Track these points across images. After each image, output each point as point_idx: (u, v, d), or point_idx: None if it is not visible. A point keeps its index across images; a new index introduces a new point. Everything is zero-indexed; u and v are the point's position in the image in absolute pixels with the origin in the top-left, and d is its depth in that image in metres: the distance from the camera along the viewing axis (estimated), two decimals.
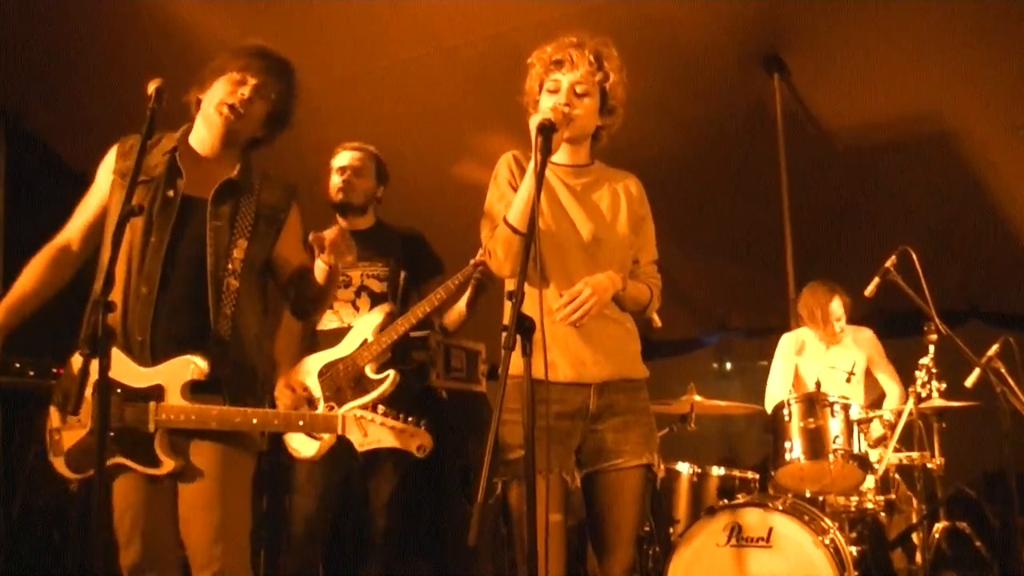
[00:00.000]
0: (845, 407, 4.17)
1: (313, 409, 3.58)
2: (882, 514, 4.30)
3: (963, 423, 4.49)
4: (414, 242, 4.04)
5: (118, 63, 5.28)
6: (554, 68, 2.78)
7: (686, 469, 4.26)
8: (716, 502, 4.00)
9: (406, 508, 4.02)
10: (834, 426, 4.12)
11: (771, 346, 5.32)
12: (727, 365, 8.34)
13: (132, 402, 2.59)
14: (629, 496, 2.77)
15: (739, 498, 3.99)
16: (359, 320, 3.76)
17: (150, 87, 2.49)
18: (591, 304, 2.66)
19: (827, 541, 3.59)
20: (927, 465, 4.36)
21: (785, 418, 4.21)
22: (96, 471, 2.22)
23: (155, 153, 2.75)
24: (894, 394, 5.02)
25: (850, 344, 5.06)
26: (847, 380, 4.93)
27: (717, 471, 4.27)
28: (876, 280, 4.23)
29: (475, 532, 2.11)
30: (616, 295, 2.78)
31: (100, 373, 2.21)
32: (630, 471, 2.76)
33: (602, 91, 2.81)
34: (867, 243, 5.23)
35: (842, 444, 4.08)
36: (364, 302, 3.83)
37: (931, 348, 4.30)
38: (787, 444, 4.18)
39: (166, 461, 2.59)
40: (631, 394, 2.81)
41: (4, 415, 5.28)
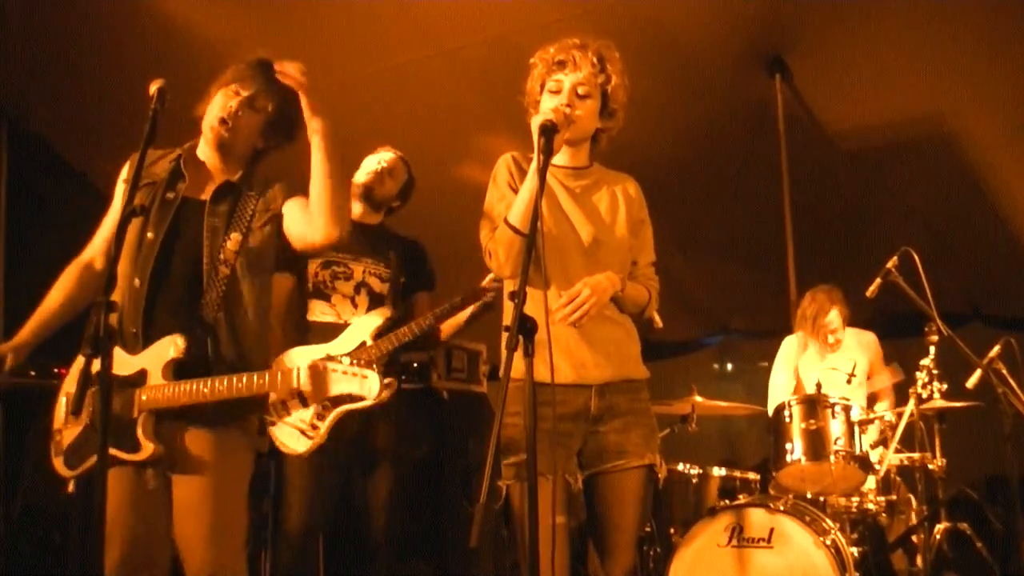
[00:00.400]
0: (846, 408, 4.17)
1: (304, 405, 3.54)
2: (883, 515, 4.30)
3: (964, 424, 4.49)
4: (415, 252, 4.05)
5: (119, 64, 5.29)
6: (556, 69, 2.78)
7: (687, 470, 4.26)
8: (717, 503, 4.00)
9: (407, 509, 4.02)
10: (835, 427, 4.12)
11: (772, 348, 5.32)
12: (728, 366, 8.33)
13: (120, 390, 2.60)
14: (631, 497, 2.77)
15: (740, 499, 3.99)
16: (357, 320, 3.75)
17: (152, 87, 2.51)
18: (590, 305, 2.66)
19: (828, 542, 3.59)
20: (928, 466, 4.36)
21: (786, 419, 4.21)
22: (98, 471, 2.22)
23: (162, 162, 2.81)
24: (883, 405, 5.01)
25: (852, 346, 5.06)
26: (847, 381, 4.93)
27: (718, 472, 4.27)
28: (877, 281, 4.22)
29: (477, 533, 2.11)
30: (615, 296, 2.78)
31: (102, 372, 2.22)
32: (632, 472, 2.76)
33: (603, 93, 2.81)
34: (869, 245, 5.24)
35: (843, 445, 4.08)
36: (363, 300, 3.82)
37: (932, 349, 4.31)
38: (788, 445, 4.17)
39: (146, 445, 2.57)
40: (632, 395, 2.81)
41: (5, 415, 5.28)
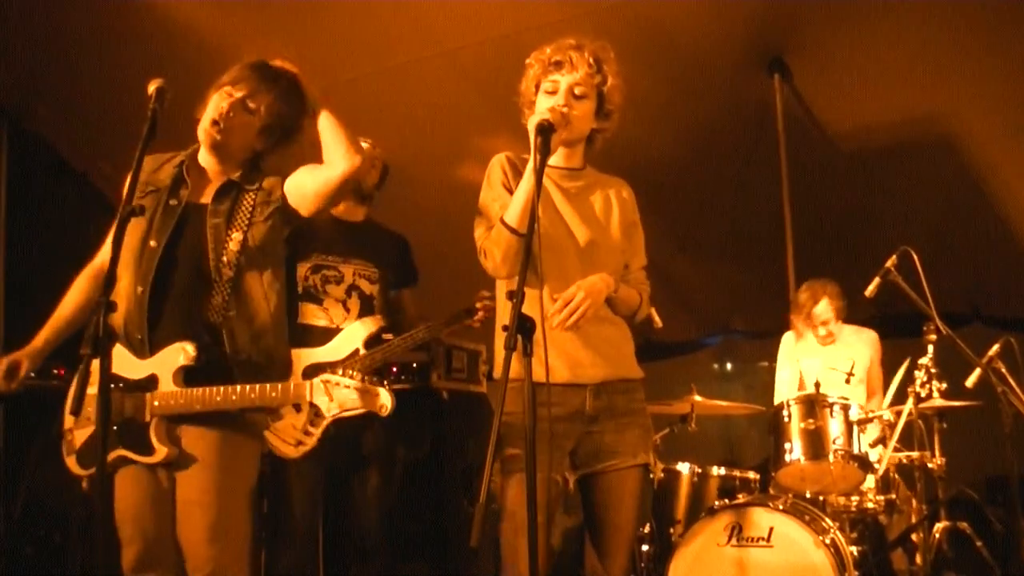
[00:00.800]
0: (845, 408, 4.17)
1: (298, 410, 3.57)
2: (883, 514, 4.30)
3: (964, 423, 4.49)
4: (400, 248, 4.07)
5: (120, 64, 5.29)
6: (553, 69, 2.78)
7: (687, 469, 4.26)
8: (717, 502, 4.01)
9: (407, 509, 4.02)
10: (834, 427, 4.11)
11: (772, 348, 5.33)
12: (728, 366, 8.34)
13: (131, 393, 2.64)
14: (627, 497, 2.77)
15: (740, 498, 3.99)
16: (350, 326, 3.77)
17: (150, 87, 2.52)
18: (585, 307, 2.66)
19: (828, 541, 3.60)
20: (928, 465, 4.36)
21: (785, 419, 4.21)
22: (97, 470, 2.24)
23: (167, 167, 2.83)
24: (874, 402, 5.01)
25: (851, 344, 5.07)
26: (846, 381, 4.93)
27: (718, 471, 4.27)
28: (877, 280, 4.23)
29: (477, 533, 2.11)
30: (609, 297, 2.78)
31: (101, 372, 2.24)
32: (627, 471, 2.77)
33: (600, 94, 2.81)
34: (868, 245, 5.23)
35: (842, 445, 4.08)
36: (354, 303, 3.84)
37: (930, 348, 4.31)
38: (787, 445, 4.17)
39: (159, 448, 2.61)
40: (627, 395, 2.82)
41: (5, 416, 5.30)
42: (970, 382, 4.32)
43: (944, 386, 4.30)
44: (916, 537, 4.37)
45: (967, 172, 6.05)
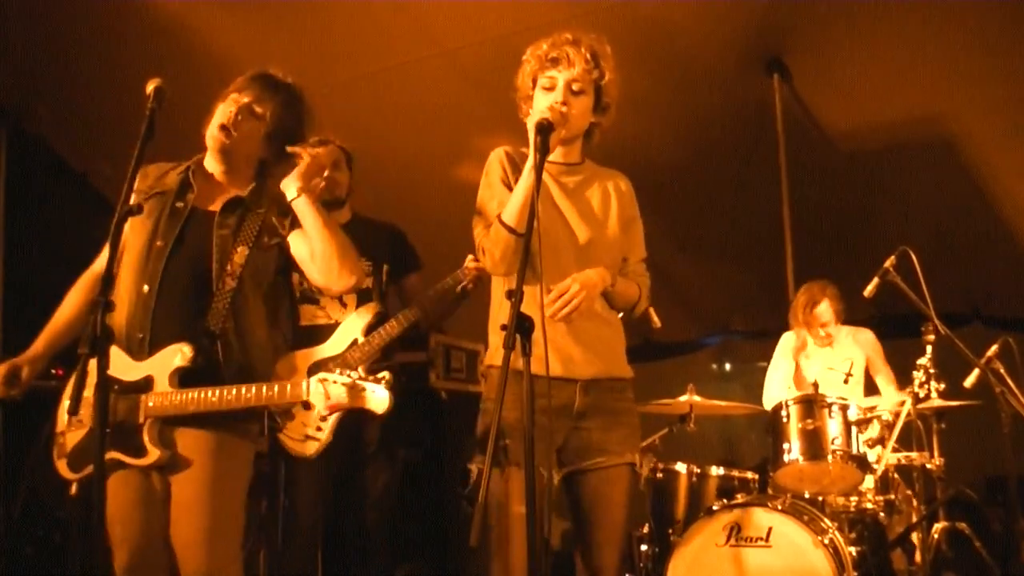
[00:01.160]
0: (843, 408, 4.16)
1: (307, 408, 3.58)
2: (882, 514, 4.29)
3: (963, 424, 4.49)
4: (395, 237, 4.07)
5: (119, 64, 5.29)
6: (550, 65, 2.77)
7: (685, 469, 4.26)
8: (715, 502, 4.01)
9: (406, 508, 4.02)
10: (832, 427, 4.11)
11: (771, 348, 5.32)
12: (727, 366, 8.34)
13: (125, 395, 2.63)
14: (614, 495, 2.77)
15: (738, 498, 3.99)
16: (346, 318, 3.78)
17: (149, 86, 2.52)
18: (580, 300, 2.66)
19: (826, 541, 3.59)
20: (926, 465, 4.36)
21: (783, 419, 4.21)
22: (95, 470, 2.23)
23: (172, 174, 2.85)
24: (888, 398, 5.02)
25: (849, 345, 5.07)
26: (845, 381, 4.93)
27: (716, 471, 4.26)
28: (875, 280, 4.23)
29: (478, 533, 2.12)
30: (606, 291, 2.79)
31: (99, 372, 2.23)
32: (614, 469, 2.77)
33: (597, 89, 2.80)
34: (868, 245, 5.24)
35: (841, 445, 4.08)
36: (351, 298, 3.84)
37: (928, 348, 4.31)
38: (786, 445, 4.17)
39: (152, 450, 2.60)
40: (617, 394, 2.82)
41: (5, 417, 5.29)
42: (969, 382, 4.33)
43: (943, 386, 4.30)
44: (915, 537, 4.37)
45: (966, 172, 6.05)
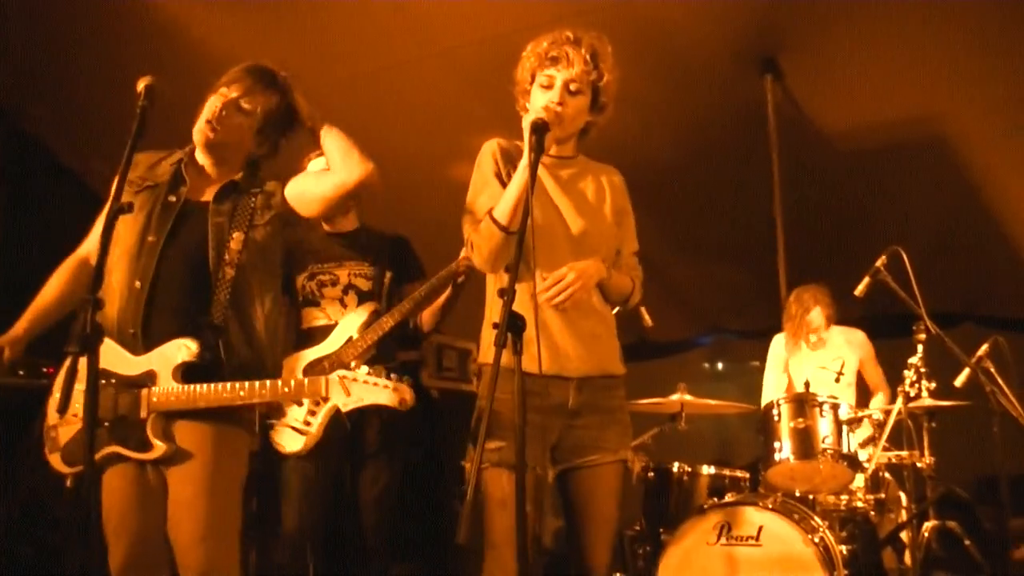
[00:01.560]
0: (834, 407, 4.18)
1: (298, 404, 3.60)
2: (872, 513, 4.31)
3: (953, 423, 4.50)
4: (400, 246, 4.08)
5: (116, 63, 5.28)
6: (549, 64, 2.77)
7: (677, 468, 4.28)
8: (706, 501, 4.02)
9: (402, 508, 4.04)
10: (823, 426, 4.12)
11: (764, 347, 5.35)
12: (720, 366, 8.35)
13: (126, 390, 2.62)
14: (607, 492, 2.78)
15: (729, 497, 4.00)
16: (344, 318, 3.80)
17: (140, 84, 2.53)
18: (575, 288, 2.67)
19: (817, 540, 3.61)
20: (917, 464, 4.37)
21: (775, 418, 4.22)
22: (85, 468, 2.24)
23: (163, 164, 2.84)
24: (879, 398, 5.04)
25: (841, 345, 5.09)
26: (836, 380, 4.95)
27: (707, 470, 4.27)
28: (866, 280, 4.24)
29: (465, 530, 2.13)
30: (601, 283, 2.80)
31: (89, 370, 2.23)
32: (607, 467, 2.77)
33: (594, 89, 2.81)
34: (861, 245, 5.24)
35: (831, 444, 4.09)
36: (352, 299, 3.87)
37: (919, 347, 4.33)
38: (777, 444, 4.18)
39: (157, 445, 2.60)
40: (609, 391, 2.83)
41: None
42: (959, 382, 4.34)
43: (934, 385, 4.32)
44: (905, 536, 4.39)
45: (960, 172, 6.05)
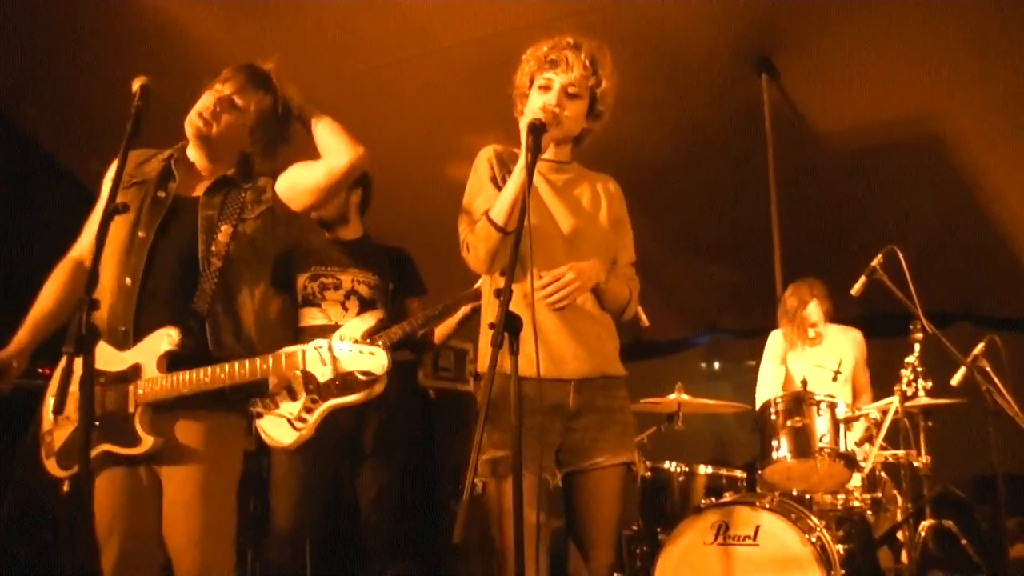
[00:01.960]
0: (831, 406, 4.18)
1: (292, 398, 3.57)
2: (869, 512, 4.31)
3: (950, 422, 4.51)
4: (402, 260, 4.09)
5: (112, 63, 5.25)
6: (548, 67, 2.78)
7: (674, 468, 4.27)
8: (703, 501, 4.02)
9: (400, 508, 4.03)
10: (820, 425, 4.12)
11: (760, 347, 5.34)
12: (716, 365, 8.36)
13: (112, 386, 2.62)
14: (610, 494, 2.78)
15: (726, 496, 4.01)
16: (348, 322, 3.77)
17: (134, 84, 2.53)
18: (572, 288, 2.68)
19: (814, 539, 3.61)
20: (913, 463, 4.38)
21: (772, 417, 4.23)
22: (81, 468, 2.23)
23: (153, 162, 2.83)
24: (863, 400, 5.03)
25: (838, 343, 5.09)
26: (833, 379, 4.95)
27: (704, 470, 4.28)
28: (863, 279, 4.24)
29: (460, 530, 2.12)
30: (597, 288, 2.79)
31: (84, 371, 2.22)
32: (609, 469, 2.76)
33: (592, 95, 2.82)
34: (857, 244, 5.25)
35: (828, 443, 4.09)
36: (353, 304, 3.86)
37: (916, 347, 4.33)
38: (774, 443, 4.18)
39: (145, 438, 2.59)
40: (610, 392, 2.82)
41: None
42: (955, 380, 4.34)
43: (930, 384, 4.32)
44: (902, 535, 4.39)
45: (956, 172, 6.06)
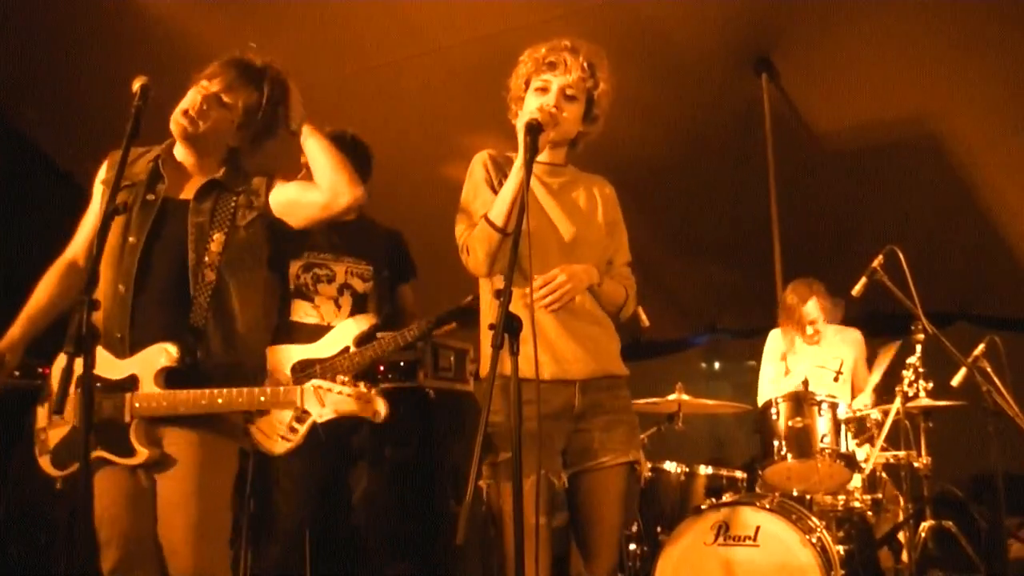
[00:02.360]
0: (832, 406, 4.18)
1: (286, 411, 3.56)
2: (869, 513, 4.31)
3: (950, 422, 4.51)
4: (395, 242, 4.06)
5: (109, 63, 5.26)
6: (546, 69, 2.78)
7: (674, 468, 4.27)
8: (704, 501, 4.01)
9: (394, 508, 4.03)
10: (821, 425, 4.13)
11: (760, 347, 5.33)
12: (716, 365, 8.35)
13: (110, 393, 2.61)
14: (614, 494, 2.77)
15: (726, 497, 4.00)
16: (341, 323, 3.75)
17: (134, 85, 2.51)
18: (566, 290, 2.67)
19: (814, 540, 3.60)
20: (914, 464, 4.37)
21: (773, 417, 4.22)
22: (81, 470, 2.23)
23: (141, 162, 2.79)
24: (859, 401, 5.02)
25: (838, 343, 5.08)
26: (835, 379, 4.94)
27: (705, 470, 4.27)
28: (863, 279, 4.24)
29: (463, 532, 2.11)
30: (593, 289, 2.79)
31: (84, 371, 2.22)
32: (614, 469, 2.76)
33: (589, 98, 2.82)
34: (856, 244, 5.26)
35: (829, 443, 4.09)
36: (346, 301, 3.82)
37: (918, 347, 4.32)
38: (775, 443, 4.18)
39: (140, 450, 2.59)
40: (614, 392, 2.82)
41: None
42: (956, 381, 4.34)
43: (931, 385, 4.31)
44: (902, 536, 4.39)
45: (954, 171, 6.07)
